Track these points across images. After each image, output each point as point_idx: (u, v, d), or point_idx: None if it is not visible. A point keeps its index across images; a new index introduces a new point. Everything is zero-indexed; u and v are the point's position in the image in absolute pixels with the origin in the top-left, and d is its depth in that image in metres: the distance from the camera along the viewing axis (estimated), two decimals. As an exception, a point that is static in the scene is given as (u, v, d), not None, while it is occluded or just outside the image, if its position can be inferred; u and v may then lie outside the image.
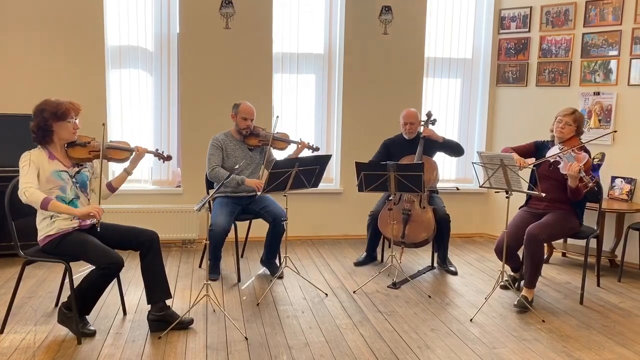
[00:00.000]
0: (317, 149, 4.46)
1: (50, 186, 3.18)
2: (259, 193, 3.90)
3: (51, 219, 3.21)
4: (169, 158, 3.67)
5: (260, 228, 4.76)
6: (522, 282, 4.04)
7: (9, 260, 4.58)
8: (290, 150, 4.55)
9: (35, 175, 3.12)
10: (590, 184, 3.59)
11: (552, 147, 4.04)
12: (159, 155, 3.61)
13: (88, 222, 3.31)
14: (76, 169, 3.33)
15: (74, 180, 3.29)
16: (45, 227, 3.21)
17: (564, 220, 3.93)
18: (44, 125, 3.19)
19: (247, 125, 4.39)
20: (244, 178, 4.29)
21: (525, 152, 4.14)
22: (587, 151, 3.94)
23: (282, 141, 4.47)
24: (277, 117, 4.23)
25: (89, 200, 3.39)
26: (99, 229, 3.21)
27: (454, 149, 4.76)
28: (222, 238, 4.20)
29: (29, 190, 3.05)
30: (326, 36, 5.66)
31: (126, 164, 3.52)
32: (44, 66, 5.04)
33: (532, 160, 4.03)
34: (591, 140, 4.28)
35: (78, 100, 3.36)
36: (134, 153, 3.48)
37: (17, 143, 4.78)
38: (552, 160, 3.86)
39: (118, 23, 5.23)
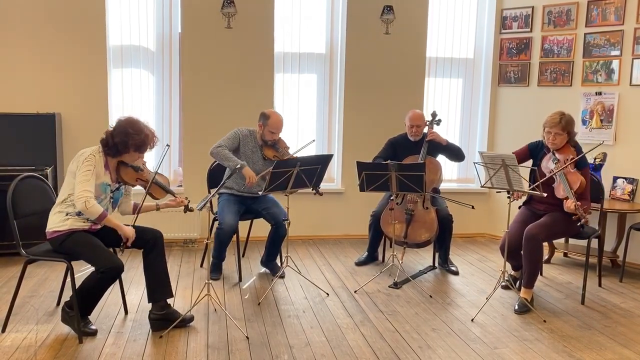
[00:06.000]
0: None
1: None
2: (260, 192, 3.89)
3: (66, 215, 3.22)
4: (190, 210, 3.56)
5: (262, 228, 4.76)
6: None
7: (11, 259, 4.59)
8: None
9: (94, 183, 3.15)
10: (582, 220, 3.54)
11: (547, 153, 4.00)
12: (186, 208, 3.53)
13: (99, 226, 3.33)
14: (117, 185, 3.38)
15: (111, 195, 3.34)
16: (58, 222, 3.22)
17: (563, 220, 3.91)
18: (123, 148, 3.23)
19: (273, 138, 4.35)
20: (245, 164, 4.07)
21: (520, 157, 4.10)
22: (583, 160, 3.87)
23: None
24: (313, 140, 4.28)
25: None
26: (122, 252, 3.27)
27: (455, 154, 4.76)
28: (230, 237, 4.19)
29: (90, 201, 3.09)
30: (328, 36, 5.66)
31: (160, 201, 3.52)
32: (45, 66, 5.05)
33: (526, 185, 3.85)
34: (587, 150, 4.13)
35: (79, 101, 3.37)
36: (175, 198, 3.51)
37: (18, 143, 4.82)
38: (546, 176, 3.80)
39: (120, 23, 5.24)
